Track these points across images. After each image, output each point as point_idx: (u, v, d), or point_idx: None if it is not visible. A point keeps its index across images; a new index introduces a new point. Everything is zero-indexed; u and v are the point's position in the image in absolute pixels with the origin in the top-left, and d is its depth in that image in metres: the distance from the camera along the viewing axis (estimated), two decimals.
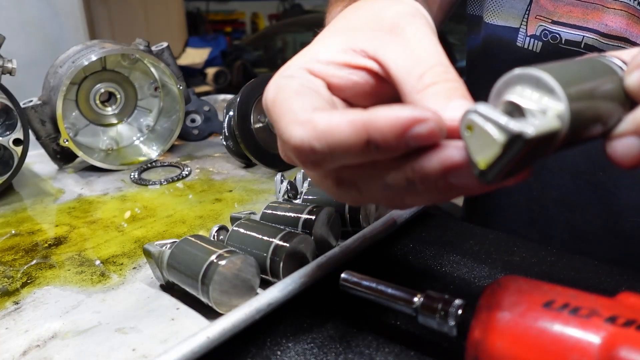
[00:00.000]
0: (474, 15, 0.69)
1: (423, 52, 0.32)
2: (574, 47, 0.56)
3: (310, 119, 0.28)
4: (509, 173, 0.25)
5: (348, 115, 0.27)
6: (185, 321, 0.41)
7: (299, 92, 0.31)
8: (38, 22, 2.18)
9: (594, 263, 0.48)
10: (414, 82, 0.30)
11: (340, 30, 0.35)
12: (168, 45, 0.88)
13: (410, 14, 0.34)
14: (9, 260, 0.53)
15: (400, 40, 0.33)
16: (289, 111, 0.29)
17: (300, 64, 0.34)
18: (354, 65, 0.34)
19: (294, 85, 0.32)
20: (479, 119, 0.24)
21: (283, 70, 0.34)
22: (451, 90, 0.29)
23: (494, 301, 0.29)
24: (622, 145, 0.27)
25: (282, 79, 0.33)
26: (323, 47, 0.34)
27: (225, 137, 0.77)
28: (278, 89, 0.32)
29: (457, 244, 0.53)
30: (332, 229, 0.50)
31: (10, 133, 0.70)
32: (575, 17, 0.55)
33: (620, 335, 0.26)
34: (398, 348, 0.37)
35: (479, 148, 0.25)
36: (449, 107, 0.28)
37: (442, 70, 0.31)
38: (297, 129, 0.28)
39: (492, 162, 0.24)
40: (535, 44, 0.59)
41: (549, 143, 0.24)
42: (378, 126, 0.26)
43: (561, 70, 0.26)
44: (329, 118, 0.27)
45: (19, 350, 0.39)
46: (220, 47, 4.02)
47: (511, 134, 0.23)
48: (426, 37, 0.33)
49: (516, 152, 0.23)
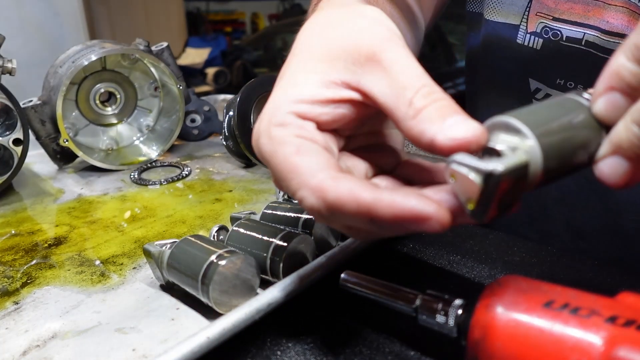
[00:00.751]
0: (474, 13, 0.69)
1: (406, 77, 0.32)
2: (575, 44, 0.56)
3: (319, 187, 0.30)
4: (500, 208, 0.27)
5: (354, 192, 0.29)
6: (185, 321, 0.41)
7: (299, 151, 0.32)
8: (38, 22, 2.18)
9: (594, 263, 0.48)
10: (405, 110, 0.31)
11: (317, 59, 0.35)
12: (168, 45, 0.88)
13: (386, 38, 0.34)
14: (9, 260, 0.53)
15: (381, 68, 0.33)
16: (295, 174, 0.31)
17: (286, 107, 0.34)
18: (339, 100, 0.34)
19: (290, 139, 0.32)
20: (457, 167, 0.27)
21: (271, 116, 0.34)
22: (443, 109, 0.30)
23: (493, 301, 0.29)
24: (606, 167, 0.28)
25: (274, 128, 0.33)
26: (304, 83, 0.34)
27: (225, 137, 0.77)
28: (273, 142, 0.33)
29: (457, 244, 0.53)
30: (332, 229, 0.50)
31: (10, 133, 0.70)
32: (577, 14, 0.55)
33: (620, 335, 0.26)
34: (398, 348, 0.37)
35: (464, 192, 0.27)
36: (445, 126, 0.29)
37: (428, 91, 0.31)
38: (308, 196, 0.30)
39: (477, 202, 0.27)
40: (535, 41, 0.59)
41: (523, 176, 0.27)
42: (380, 213, 0.28)
43: (529, 112, 0.29)
44: (337, 193, 0.29)
45: (19, 350, 0.39)
46: (220, 47, 4.02)
47: (484, 173, 0.26)
48: (405, 60, 0.33)
49: (494, 189, 0.26)
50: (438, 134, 0.29)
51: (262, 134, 0.34)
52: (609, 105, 0.28)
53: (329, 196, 0.29)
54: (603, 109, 0.28)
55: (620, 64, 0.27)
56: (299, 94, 0.34)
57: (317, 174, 0.30)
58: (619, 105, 0.28)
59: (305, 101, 0.34)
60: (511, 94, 0.63)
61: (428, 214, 0.27)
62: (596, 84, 0.29)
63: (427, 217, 0.27)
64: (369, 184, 0.30)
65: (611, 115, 0.28)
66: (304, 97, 0.34)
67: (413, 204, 0.28)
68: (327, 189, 0.30)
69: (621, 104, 0.28)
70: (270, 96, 0.35)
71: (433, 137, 0.29)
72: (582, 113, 0.29)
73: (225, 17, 6.62)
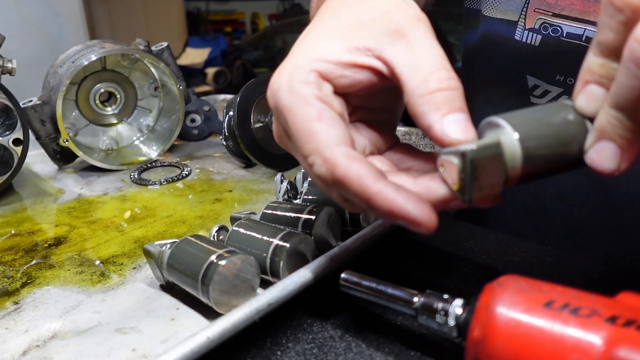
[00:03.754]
0: (471, 9, 0.69)
1: (428, 56, 0.33)
2: (575, 40, 0.56)
3: (333, 160, 0.31)
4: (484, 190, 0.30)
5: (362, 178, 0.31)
6: (185, 321, 0.41)
7: (320, 117, 0.33)
8: (38, 22, 2.18)
9: (594, 263, 0.48)
10: (417, 85, 0.33)
11: (344, 27, 0.36)
12: (168, 45, 0.88)
13: (416, 17, 0.35)
14: (9, 260, 0.53)
15: (406, 42, 0.34)
16: (313, 139, 0.32)
17: (309, 65, 0.35)
18: (360, 65, 0.35)
19: (312, 100, 0.33)
20: (444, 156, 0.31)
21: (292, 71, 0.35)
22: (451, 101, 0.32)
23: (493, 301, 0.29)
24: (595, 154, 0.30)
25: (297, 83, 0.34)
26: (327, 46, 0.35)
27: (225, 137, 0.77)
28: (294, 98, 0.34)
29: (457, 244, 0.53)
30: (332, 229, 0.50)
31: (10, 133, 0.70)
32: (577, 10, 0.55)
33: (620, 335, 0.26)
34: (398, 348, 0.37)
35: (450, 176, 0.31)
36: (446, 120, 0.32)
37: (445, 75, 0.33)
38: (319, 164, 0.32)
39: (460, 183, 0.30)
40: (534, 38, 0.59)
41: (498, 155, 0.30)
42: (379, 205, 0.30)
43: (516, 113, 0.32)
44: (346, 171, 0.31)
45: (19, 350, 0.39)
46: (220, 47, 4.02)
47: (459, 153, 0.30)
48: (431, 42, 0.34)
49: (470, 167, 0.29)
50: (436, 124, 0.32)
51: (282, 87, 0.34)
52: (587, 98, 0.30)
53: (337, 171, 0.31)
54: (583, 101, 0.31)
55: (590, 61, 0.30)
56: (322, 54, 0.35)
57: (333, 147, 0.32)
58: (596, 96, 0.30)
59: (328, 61, 0.35)
60: (509, 91, 0.63)
61: (420, 221, 0.30)
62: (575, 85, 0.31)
63: (418, 223, 0.30)
64: (376, 172, 0.32)
65: (592, 105, 0.30)
66: (327, 57, 0.35)
67: (411, 208, 0.30)
68: (339, 165, 0.31)
69: (598, 94, 0.30)
70: (289, 55, 0.36)
71: (431, 125, 0.32)
72: (566, 110, 0.31)
73: (225, 17, 6.61)
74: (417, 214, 0.30)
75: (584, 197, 0.62)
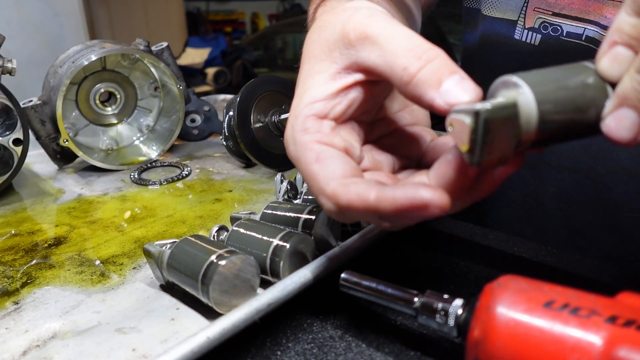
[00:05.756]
0: (471, 9, 0.69)
1: (395, 43, 0.34)
2: (575, 39, 0.56)
3: (333, 194, 0.33)
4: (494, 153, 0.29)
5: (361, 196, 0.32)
6: (185, 321, 0.41)
7: (318, 159, 0.35)
8: (38, 22, 2.18)
9: (594, 263, 0.48)
10: (401, 75, 0.33)
11: (320, 59, 0.38)
12: (168, 45, 0.88)
13: (369, 15, 0.36)
14: (9, 260, 0.53)
15: (372, 42, 0.35)
16: (315, 181, 0.35)
17: (304, 112, 0.37)
18: (346, 86, 0.37)
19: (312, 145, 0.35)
20: (455, 115, 0.29)
21: (293, 123, 0.37)
22: (438, 70, 0.32)
23: (493, 301, 0.29)
24: (613, 121, 0.28)
25: (298, 134, 0.36)
26: (313, 85, 0.37)
27: (225, 137, 0.77)
28: (297, 149, 0.36)
29: (457, 244, 0.53)
30: (332, 229, 0.50)
31: (10, 133, 0.70)
32: (577, 9, 0.55)
33: (620, 335, 0.26)
34: (398, 348, 0.37)
35: (459, 137, 0.29)
36: (442, 90, 0.31)
37: (419, 51, 0.33)
38: (325, 202, 0.34)
39: (470, 144, 0.28)
40: (533, 37, 0.59)
41: (513, 117, 0.28)
42: (385, 210, 0.30)
43: (533, 72, 0.30)
44: (348, 198, 0.32)
45: (19, 350, 0.39)
46: (220, 47, 4.01)
47: (472, 112, 0.28)
48: (391, 28, 0.35)
49: (483, 127, 0.27)
50: (436, 98, 0.31)
51: (289, 141, 0.37)
52: (612, 60, 0.28)
53: (341, 201, 0.33)
54: (607, 64, 0.29)
55: (621, 19, 0.28)
56: (312, 96, 0.37)
57: (330, 182, 0.34)
58: (622, 59, 0.28)
59: (318, 100, 0.37)
60: None
61: (425, 202, 0.29)
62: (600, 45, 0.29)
63: (425, 205, 0.29)
64: (375, 184, 0.32)
65: (616, 69, 0.28)
66: (317, 97, 0.37)
67: (410, 195, 0.29)
68: (339, 195, 0.33)
69: (624, 57, 0.28)
70: (291, 105, 0.39)
71: (431, 102, 0.31)
72: (586, 73, 0.29)
73: (225, 17, 6.61)
74: (420, 197, 0.29)
75: (584, 197, 0.62)
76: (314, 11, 0.47)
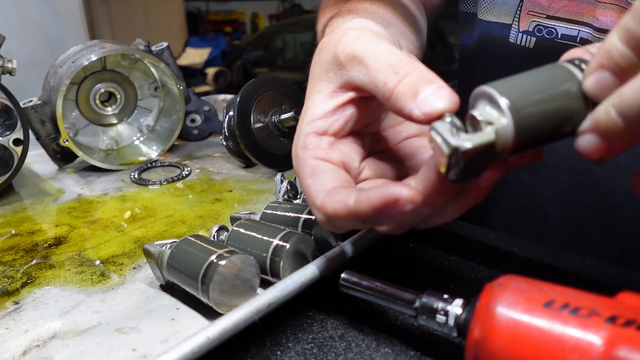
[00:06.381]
0: (467, 13, 0.69)
1: (378, 61, 0.36)
2: (570, 41, 0.56)
3: (322, 205, 0.36)
4: (470, 174, 0.30)
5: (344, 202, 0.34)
6: (185, 321, 0.41)
7: (312, 174, 0.38)
8: (38, 22, 2.18)
9: (594, 263, 0.48)
10: (382, 91, 0.35)
11: (319, 79, 0.41)
12: (168, 45, 0.88)
13: (355, 37, 0.38)
14: (9, 260, 0.53)
15: (359, 62, 0.37)
16: (308, 195, 0.38)
17: (305, 130, 0.40)
18: (342, 104, 0.39)
19: (309, 161, 0.39)
20: (435, 134, 0.30)
21: (296, 141, 0.40)
22: (414, 82, 0.33)
23: (493, 301, 0.29)
24: (584, 142, 0.30)
25: (299, 150, 0.40)
26: (314, 104, 0.40)
27: (225, 137, 0.77)
28: (298, 165, 0.39)
29: (457, 244, 0.53)
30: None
31: (10, 133, 0.70)
32: (571, 12, 0.55)
33: (620, 335, 0.26)
34: (398, 348, 0.37)
35: (438, 156, 0.30)
36: (419, 101, 0.32)
37: (397, 67, 0.34)
38: (316, 213, 0.37)
39: (447, 167, 0.30)
40: (528, 40, 0.59)
41: (490, 150, 0.29)
42: (363, 212, 0.33)
43: (516, 84, 0.30)
44: (333, 207, 0.35)
45: (19, 350, 0.39)
46: (220, 47, 4.01)
47: (451, 147, 0.29)
48: (375, 47, 0.37)
49: (459, 160, 0.29)
50: (414, 110, 0.32)
51: (293, 157, 0.40)
52: (597, 84, 0.29)
53: (328, 210, 0.35)
54: (592, 86, 0.29)
55: (612, 44, 0.28)
56: (311, 115, 0.40)
57: (320, 195, 0.36)
58: (607, 85, 0.29)
59: (317, 119, 0.40)
60: None
61: (395, 197, 0.31)
62: (591, 59, 0.30)
63: (395, 199, 0.31)
64: (355, 191, 0.35)
65: (599, 93, 0.29)
66: (316, 115, 0.40)
67: (382, 193, 0.32)
68: (326, 205, 0.36)
69: (609, 83, 0.29)
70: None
71: (410, 114, 0.33)
72: (571, 85, 0.30)
73: (225, 17, 6.61)
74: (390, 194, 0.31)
75: (582, 198, 0.62)
76: (323, 29, 0.50)
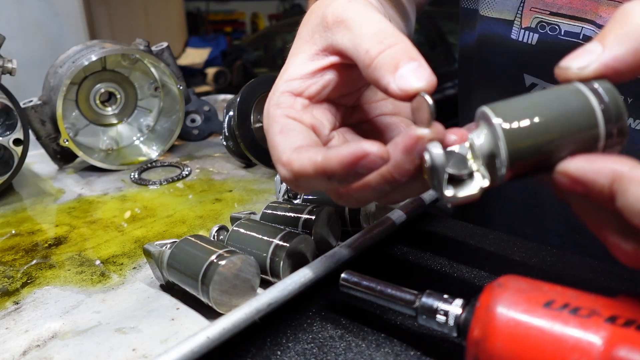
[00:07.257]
0: (468, 9, 0.69)
1: (364, 28, 0.35)
2: (573, 38, 0.56)
3: (288, 161, 0.34)
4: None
5: (312, 159, 0.33)
6: (185, 321, 0.41)
7: (282, 131, 0.37)
8: (38, 22, 2.18)
9: (594, 263, 0.48)
10: (363, 58, 0.34)
11: (304, 40, 0.40)
12: (168, 45, 0.88)
13: (347, 2, 0.38)
14: (9, 260, 0.53)
15: (345, 26, 0.37)
16: (275, 150, 0.36)
17: (281, 88, 0.39)
18: (323, 67, 0.39)
19: (279, 119, 0.37)
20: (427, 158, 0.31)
21: (270, 98, 0.39)
22: (396, 55, 0.33)
23: (493, 301, 0.29)
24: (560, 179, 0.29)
25: (271, 107, 0.39)
26: (294, 63, 0.40)
27: (225, 137, 0.77)
28: (269, 121, 0.38)
29: (457, 244, 0.53)
30: (332, 229, 0.50)
31: (10, 133, 0.70)
32: (575, 9, 0.55)
33: (620, 335, 0.26)
34: (398, 348, 0.37)
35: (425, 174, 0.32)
36: (397, 75, 0.32)
37: (382, 36, 0.34)
38: (281, 169, 0.35)
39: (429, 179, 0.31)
40: (530, 37, 0.59)
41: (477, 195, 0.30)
42: (331, 167, 0.32)
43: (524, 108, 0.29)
44: (300, 163, 0.34)
45: (19, 350, 0.39)
46: (220, 47, 4.02)
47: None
48: (364, 15, 0.36)
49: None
50: (390, 83, 0.32)
51: (264, 114, 0.39)
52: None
53: (294, 167, 0.34)
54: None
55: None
56: (290, 74, 0.39)
57: (287, 151, 0.35)
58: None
59: (295, 78, 0.39)
60: (506, 90, 0.63)
61: (365, 151, 0.30)
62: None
63: (365, 154, 0.30)
64: (324, 149, 0.33)
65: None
66: (295, 75, 0.39)
67: (352, 148, 0.31)
68: (293, 162, 0.34)
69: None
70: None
71: (386, 87, 0.32)
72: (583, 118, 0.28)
73: (225, 17, 6.62)
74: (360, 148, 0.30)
75: None
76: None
